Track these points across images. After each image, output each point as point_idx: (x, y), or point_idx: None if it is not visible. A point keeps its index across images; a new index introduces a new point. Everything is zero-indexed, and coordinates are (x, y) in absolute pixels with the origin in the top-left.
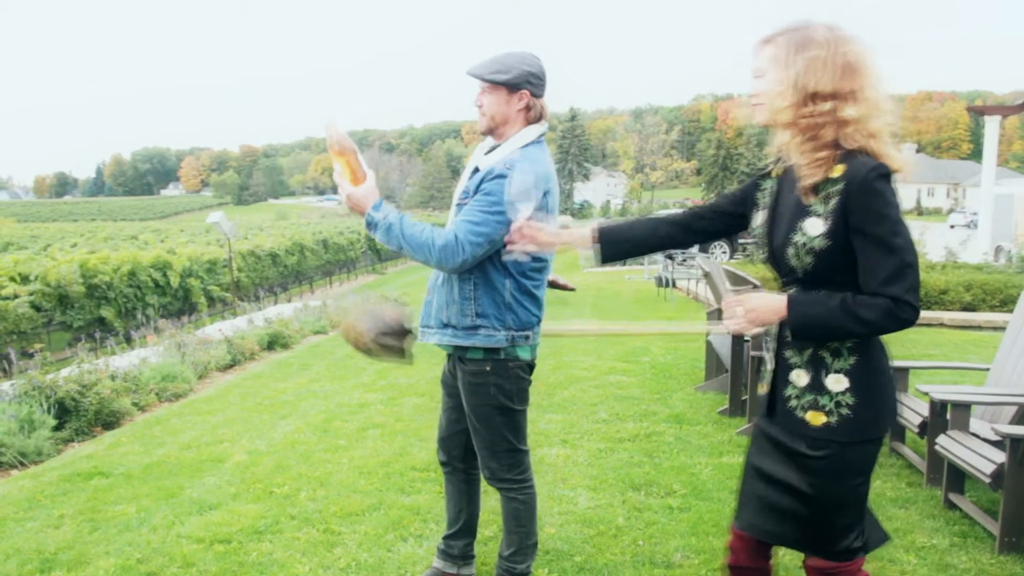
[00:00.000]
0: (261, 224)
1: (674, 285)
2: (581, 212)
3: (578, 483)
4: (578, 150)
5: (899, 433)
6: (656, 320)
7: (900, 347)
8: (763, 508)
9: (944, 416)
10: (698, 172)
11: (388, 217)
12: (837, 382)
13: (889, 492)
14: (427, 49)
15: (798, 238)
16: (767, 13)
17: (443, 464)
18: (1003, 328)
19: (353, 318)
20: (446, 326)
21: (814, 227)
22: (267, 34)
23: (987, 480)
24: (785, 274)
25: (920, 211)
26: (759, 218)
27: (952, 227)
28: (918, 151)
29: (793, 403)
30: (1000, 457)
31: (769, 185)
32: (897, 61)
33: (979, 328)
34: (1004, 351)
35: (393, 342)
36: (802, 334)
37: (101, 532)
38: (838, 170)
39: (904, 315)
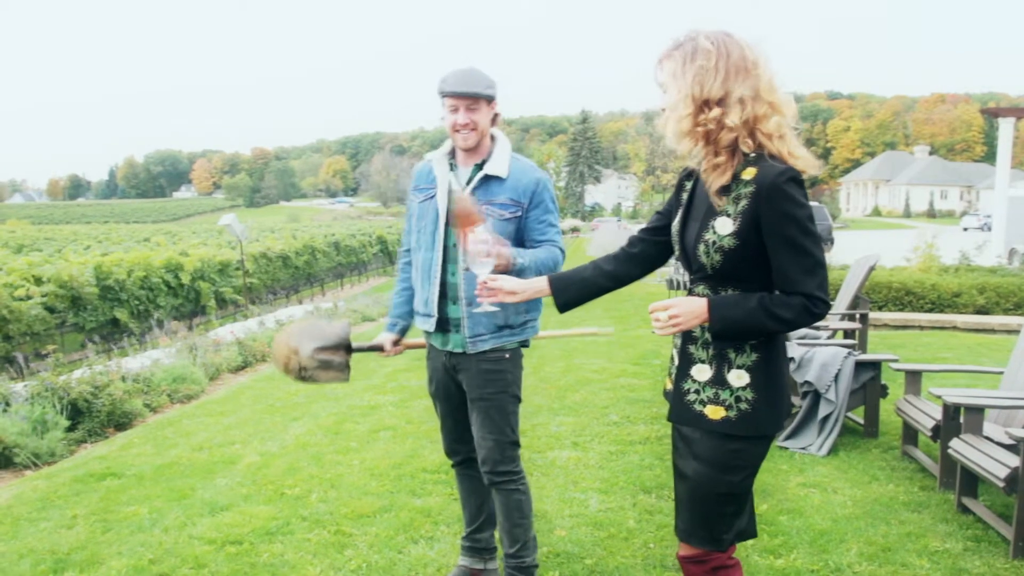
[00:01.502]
0: (273, 226)
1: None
2: (592, 214)
3: (589, 486)
4: (589, 152)
5: (912, 437)
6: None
7: (913, 350)
8: (677, 504)
9: (957, 420)
10: None
11: (529, 254)
12: (738, 378)
13: (902, 496)
14: (438, 50)
15: (709, 236)
16: (776, 15)
17: (459, 464)
18: (1017, 331)
19: (286, 337)
20: (502, 328)
21: (724, 226)
22: (279, 36)
23: (1001, 484)
24: (695, 271)
25: (933, 214)
26: (677, 217)
27: (965, 230)
28: (931, 153)
29: (692, 397)
30: (1014, 461)
31: (689, 185)
32: (910, 63)
33: (993, 331)
34: (1018, 354)
35: (332, 356)
36: (723, 335)
37: (114, 533)
38: (749, 173)
39: (817, 310)
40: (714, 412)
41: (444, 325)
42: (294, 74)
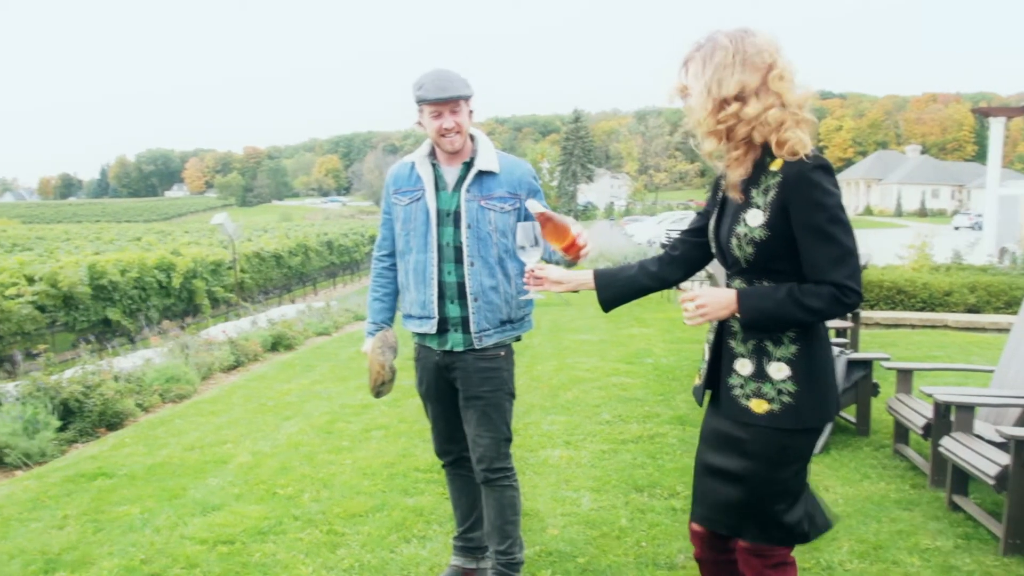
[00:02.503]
0: (265, 225)
1: (678, 286)
2: (585, 214)
3: (581, 484)
4: (582, 151)
5: (903, 435)
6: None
7: (904, 349)
8: (711, 499)
9: (948, 418)
10: (702, 174)
11: None
12: (779, 370)
13: (893, 494)
14: (433, 51)
15: (740, 229)
16: (770, 14)
17: (451, 464)
18: (1008, 330)
19: (376, 353)
20: (504, 323)
21: (754, 218)
22: (272, 35)
23: (991, 482)
24: (730, 265)
25: (924, 213)
26: (713, 215)
27: (957, 229)
28: (922, 152)
29: (737, 392)
30: (1004, 459)
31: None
32: (902, 63)
33: (983, 330)
34: (1009, 353)
35: (395, 365)
36: (753, 325)
37: (105, 533)
38: (777, 163)
39: (848, 300)
40: (758, 406)
41: (443, 325)
42: (286, 73)
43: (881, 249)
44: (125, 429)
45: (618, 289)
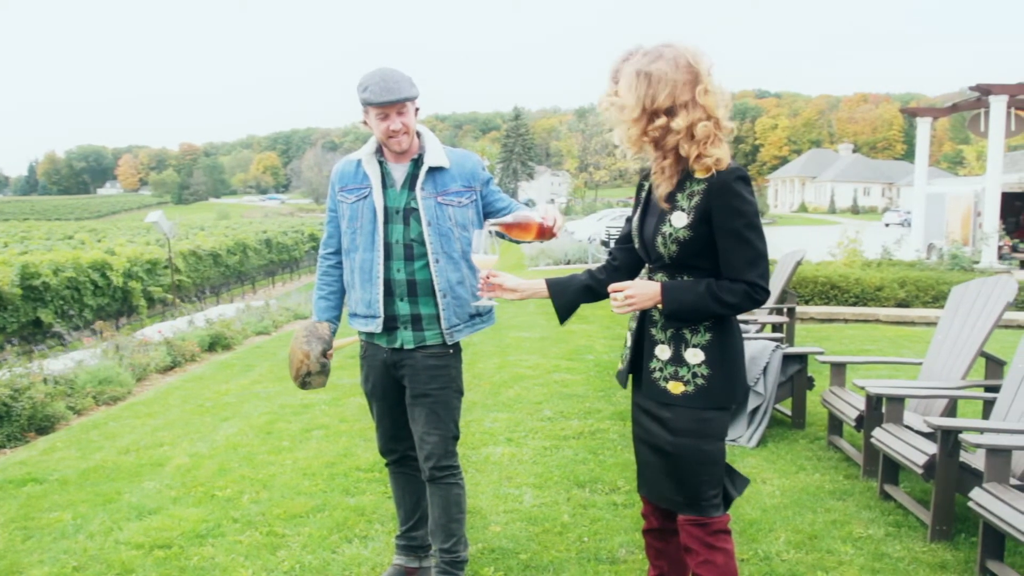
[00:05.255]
0: (202, 223)
1: None
2: None
3: (523, 481)
4: (522, 149)
5: (837, 427)
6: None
7: (838, 343)
8: (649, 473)
9: (879, 410)
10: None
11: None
12: (694, 355)
13: (827, 485)
14: (366, 54)
15: (666, 229)
16: (704, 12)
17: (395, 462)
18: (935, 323)
19: (299, 341)
20: (473, 317)
21: (679, 220)
22: (207, 31)
23: (920, 471)
24: (654, 260)
25: (857, 210)
26: (636, 213)
27: (887, 225)
28: (855, 151)
29: (657, 375)
30: (932, 448)
31: (648, 184)
32: (835, 64)
33: (913, 324)
34: (936, 346)
35: (327, 360)
36: (674, 316)
37: (35, 540)
38: (702, 172)
39: (758, 296)
40: (675, 387)
41: (391, 323)
42: (222, 68)
43: (815, 245)
44: (56, 433)
45: (571, 296)
